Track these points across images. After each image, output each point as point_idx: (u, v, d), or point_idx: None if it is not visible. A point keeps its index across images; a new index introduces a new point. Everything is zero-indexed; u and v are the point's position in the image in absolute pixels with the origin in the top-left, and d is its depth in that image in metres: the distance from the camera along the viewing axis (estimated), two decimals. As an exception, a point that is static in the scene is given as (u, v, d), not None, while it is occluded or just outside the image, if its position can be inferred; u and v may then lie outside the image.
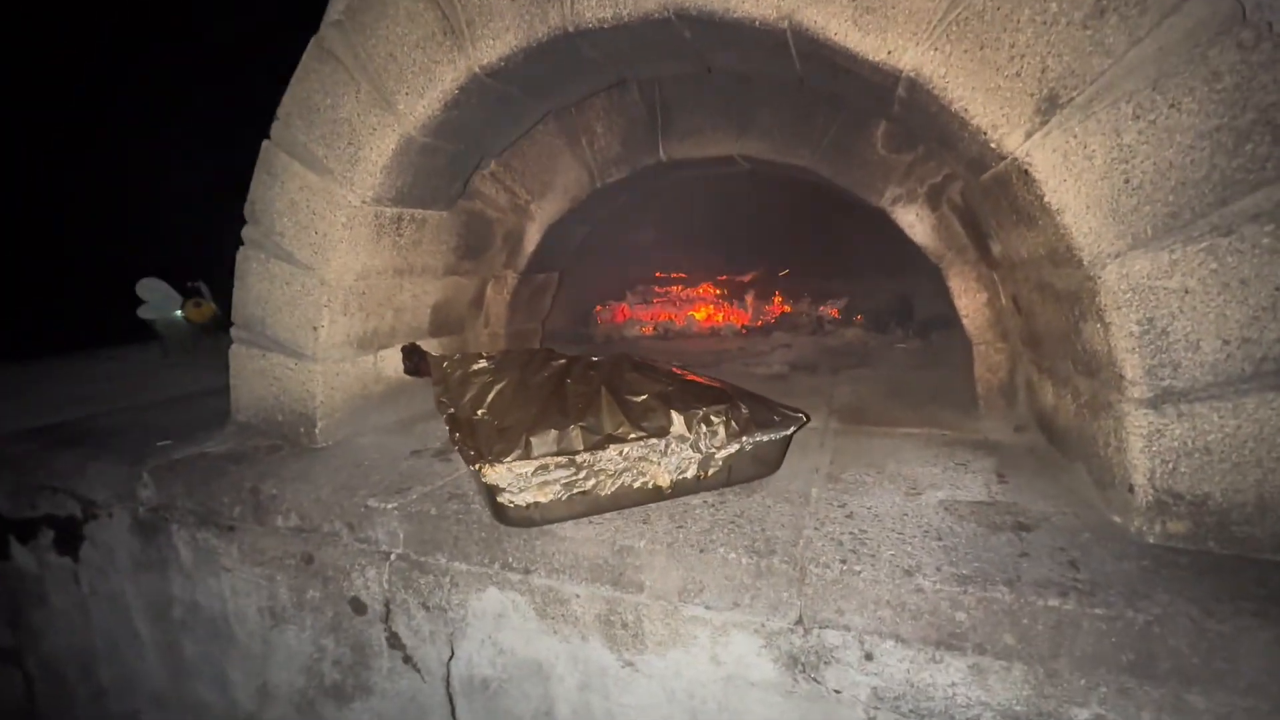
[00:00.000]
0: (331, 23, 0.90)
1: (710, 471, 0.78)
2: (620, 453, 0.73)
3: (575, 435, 0.74)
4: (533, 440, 0.72)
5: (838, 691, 0.62)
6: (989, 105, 0.63)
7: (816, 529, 0.70)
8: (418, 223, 1.07)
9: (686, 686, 0.68)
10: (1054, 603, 0.55)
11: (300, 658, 0.91)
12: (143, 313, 2.42)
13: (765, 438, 0.80)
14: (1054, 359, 0.84)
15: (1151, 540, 0.64)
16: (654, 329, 2.22)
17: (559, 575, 0.73)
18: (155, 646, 1.04)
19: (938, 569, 0.61)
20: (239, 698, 0.98)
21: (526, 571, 0.74)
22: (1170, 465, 0.62)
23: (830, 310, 2.20)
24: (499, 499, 0.71)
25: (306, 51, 0.93)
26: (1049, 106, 0.61)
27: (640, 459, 0.74)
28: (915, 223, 1.07)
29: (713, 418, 0.78)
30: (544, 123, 1.21)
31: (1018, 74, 0.62)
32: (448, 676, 0.81)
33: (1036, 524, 0.70)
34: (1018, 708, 0.56)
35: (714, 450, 0.77)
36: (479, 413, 0.84)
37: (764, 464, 0.83)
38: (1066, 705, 0.55)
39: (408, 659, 0.84)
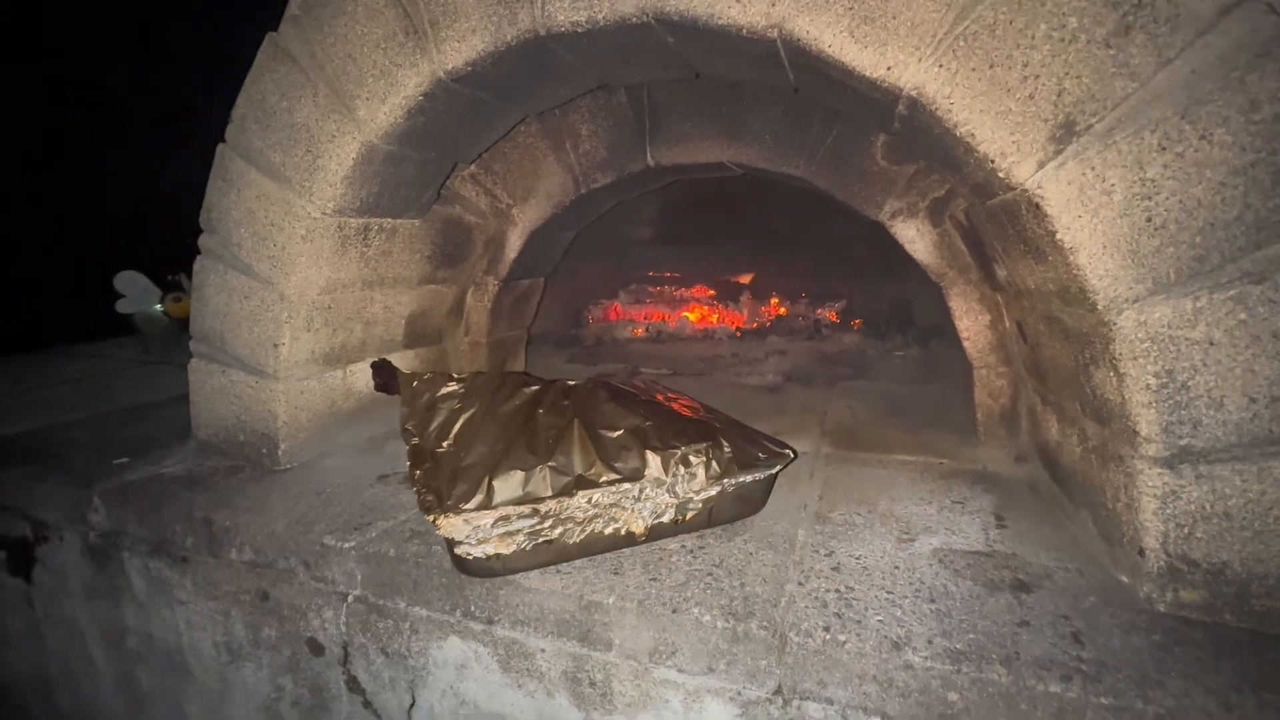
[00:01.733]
0: (289, 18, 0.83)
1: (689, 515, 0.73)
2: (590, 500, 0.67)
3: (543, 477, 0.68)
4: (495, 484, 0.67)
5: (818, 769, 0.57)
6: (998, 130, 0.57)
7: (800, 584, 0.65)
8: (387, 232, 1.00)
9: (657, 754, 0.63)
10: (1056, 688, 0.50)
11: (258, 696, 0.87)
12: (121, 307, 2.36)
13: (748, 478, 0.74)
14: (1060, 395, 0.78)
15: (1162, 609, 0.59)
16: (646, 330, 2.16)
17: (523, 628, 0.68)
18: (111, 677, 0.99)
19: (929, 641, 0.56)
20: (196, 730, 0.94)
21: (489, 622, 0.69)
22: (1186, 530, 0.57)
23: (828, 314, 2.14)
24: (456, 550, 0.66)
25: (261, 49, 0.86)
26: (1065, 134, 0.55)
27: (612, 505, 0.69)
28: (916, 238, 1.01)
29: (691, 458, 0.72)
30: (525, 124, 1.14)
31: (1031, 96, 0.55)
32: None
33: (1038, 582, 0.64)
34: (1014, 800, 0.51)
35: (692, 495, 0.71)
36: (444, 444, 0.78)
37: (747, 503, 0.78)
38: (1067, 802, 0.50)
39: (368, 704, 0.79)
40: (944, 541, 0.73)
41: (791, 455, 0.79)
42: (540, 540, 0.67)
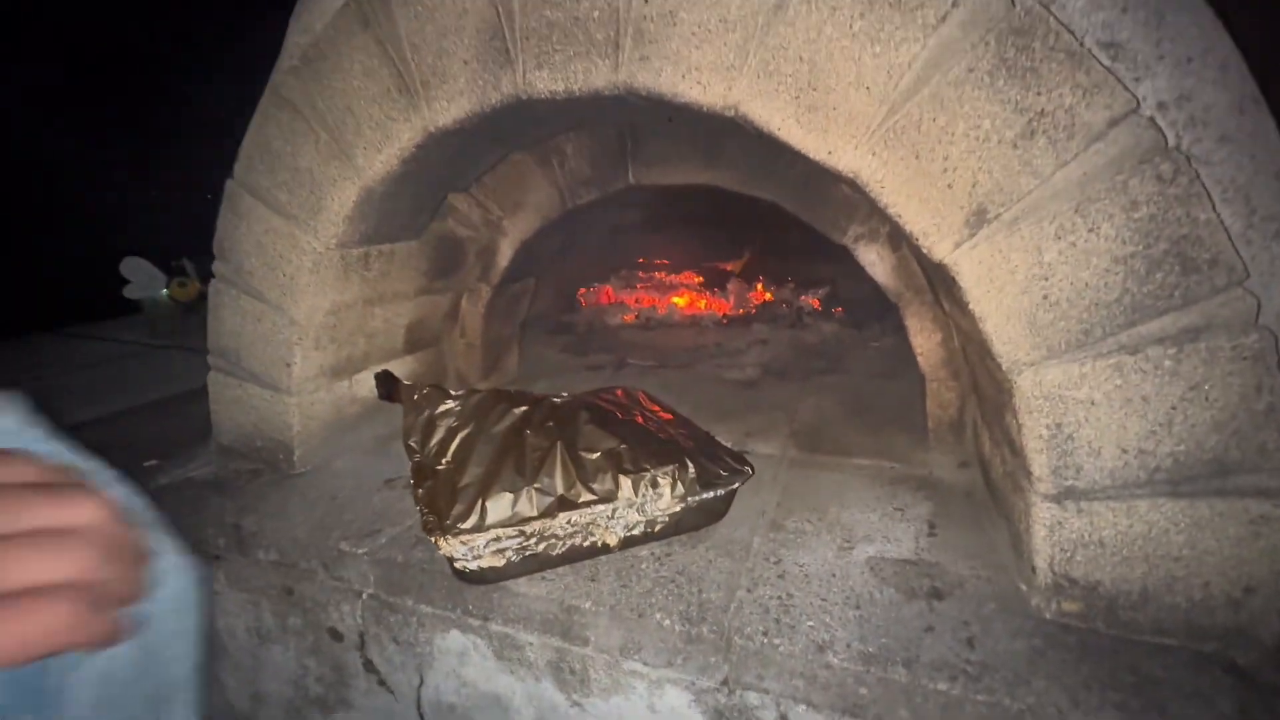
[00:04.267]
0: (288, 69, 0.89)
1: (657, 528, 0.84)
2: (569, 520, 0.78)
3: (529, 498, 0.79)
4: (488, 505, 0.77)
5: (756, 745, 0.70)
6: (922, 213, 0.65)
7: (749, 591, 0.77)
8: (386, 255, 1.08)
9: (625, 730, 0.76)
10: (943, 686, 0.62)
11: (287, 672, 1.00)
12: (128, 292, 2.44)
13: (709, 495, 0.85)
14: (990, 419, 0.88)
15: (1048, 616, 0.70)
16: (636, 317, 2.24)
17: (514, 625, 0.80)
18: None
19: (848, 645, 0.67)
20: (234, 701, 1.07)
21: (485, 619, 0.81)
22: (1068, 554, 0.68)
23: (812, 300, 2.22)
24: (455, 565, 0.77)
25: (264, 96, 0.92)
26: (978, 220, 0.63)
27: (589, 524, 0.80)
28: (876, 261, 1.09)
29: (659, 480, 0.82)
30: (514, 143, 1.20)
31: (949, 186, 0.63)
32: (418, 700, 0.90)
33: (950, 590, 0.76)
34: (907, 772, 0.64)
35: (659, 513, 0.82)
36: (443, 461, 0.88)
37: (710, 514, 0.89)
38: (948, 774, 0.62)
39: (382, 682, 0.92)
40: (878, 550, 0.85)
41: (750, 472, 0.90)
42: (527, 554, 0.78)
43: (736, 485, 0.88)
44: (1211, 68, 0.62)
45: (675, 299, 2.32)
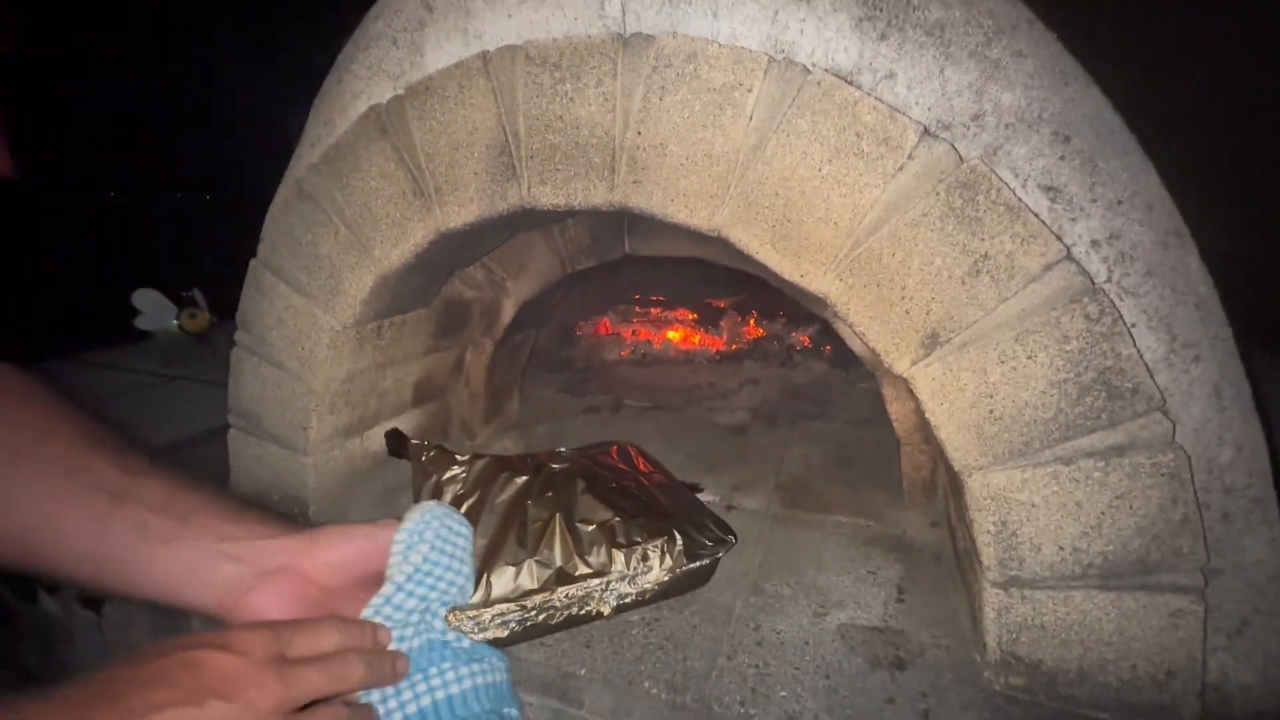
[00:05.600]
0: (310, 166, 0.97)
1: (647, 596, 0.91)
2: (567, 594, 0.86)
3: (530, 571, 0.86)
4: (493, 581, 0.84)
5: (733, 804, 0.77)
6: (882, 334, 0.73)
7: (729, 659, 0.84)
8: (398, 325, 1.16)
9: (616, 785, 0.83)
10: (899, 758, 0.70)
11: (301, 717, 1.07)
12: (140, 323, 2.51)
13: (695, 565, 0.93)
14: (954, 493, 0.96)
15: (998, 688, 0.78)
16: (632, 352, 2.32)
17: (516, 686, 0.87)
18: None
19: (815, 715, 0.75)
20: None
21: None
22: (1014, 635, 0.76)
23: (802, 338, 2.30)
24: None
25: (286, 188, 1.00)
26: (931, 342, 0.71)
27: (584, 596, 0.87)
28: (853, 336, 1.17)
29: (649, 553, 0.90)
30: (517, 213, 1.28)
31: (907, 312, 0.71)
32: None
33: (913, 659, 0.83)
34: (867, 833, 0.71)
35: (648, 585, 0.90)
36: None
37: (696, 580, 0.96)
38: (902, 836, 0.70)
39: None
40: (850, 616, 0.92)
41: (733, 541, 0.97)
42: (528, 624, 0.85)
43: (720, 555, 0.95)
44: (1139, 209, 0.70)
45: (670, 334, 2.40)
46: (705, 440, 1.62)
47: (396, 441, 1.25)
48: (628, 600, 0.90)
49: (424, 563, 0.65)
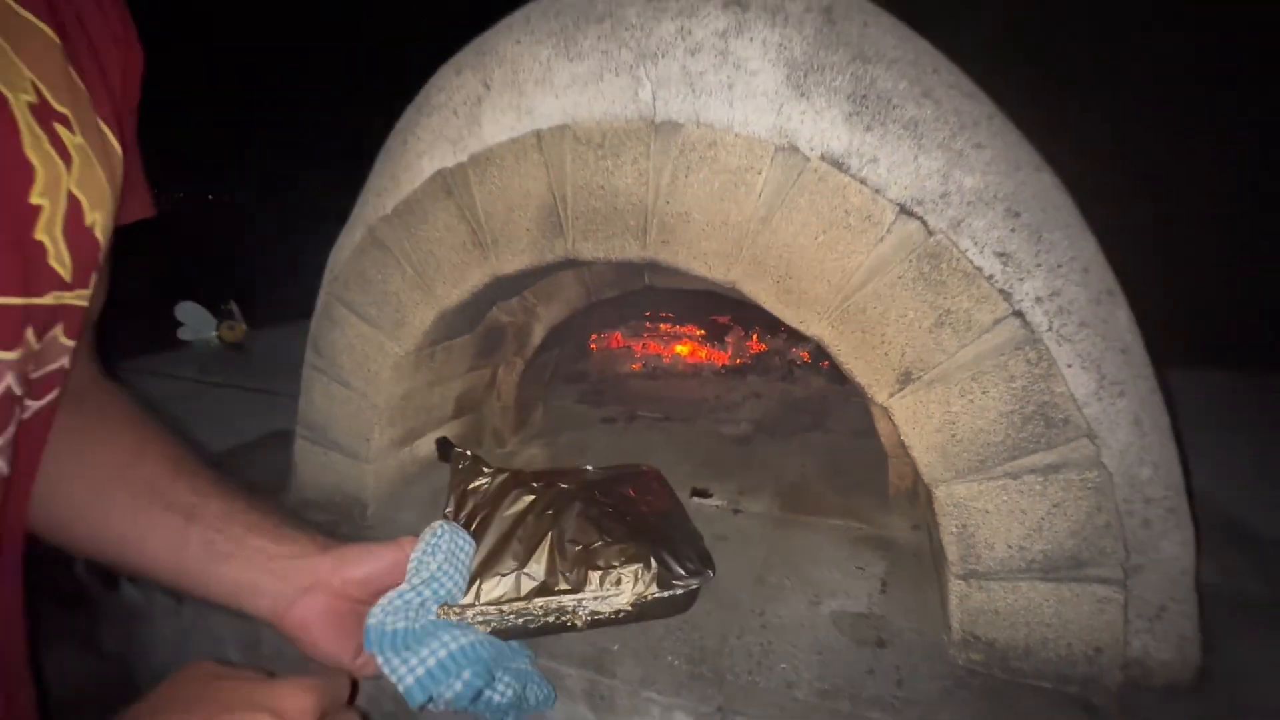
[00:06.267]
0: (382, 217, 1.14)
1: (620, 615, 0.96)
2: (544, 606, 0.92)
3: (516, 581, 0.92)
4: (483, 588, 0.90)
5: (741, 757, 0.93)
6: (866, 371, 0.89)
7: (738, 638, 1.00)
8: (447, 349, 1.32)
9: (643, 743, 1.00)
10: (877, 716, 0.86)
11: (368, 687, 1.23)
12: (182, 334, 2.68)
13: (666, 594, 0.97)
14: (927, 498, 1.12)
15: (960, 663, 0.94)
16: (643, 365, 2.49)
17: (558, 660, 1.03)
18: (247, 671, 1.36)
19: (810, 683, 0.91)
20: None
21: (536, 655, 1.05)
22: (973, 618, 0.92)
23: (802, 353, 2.47)
24: None
25: (361, 235, 1.17)
26: (905, 379, 0.87)
27: (559, 609, 0.93)
28: (847, 360, 1.33)
29: (623, 578, 0.96)
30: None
31: (885, 354, 0.88)
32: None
33: (891, 640, 1.00)
34: (851, 778, 0.87)
35: (619, 606, 0.96)
36: None
37: (673, 607, 1.01)
38: (879, 780, 0.86)
39: (446, 701, 1.15)
40: (840, 604, 1.08)
41: (711, 575, 1.03)
42: (506, 626, 0.90)
43: (696, 586, 1.02)
44: (1076, 271, 0.87)
45: (678, 348, 2.57)
46: (713, 450, 1.78)
47: (444, 448, 1.42)
48: (600, 618, 0.95)
49: (438, 571, 0.78)
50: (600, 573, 0.97)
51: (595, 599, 0.97)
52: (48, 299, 0.47)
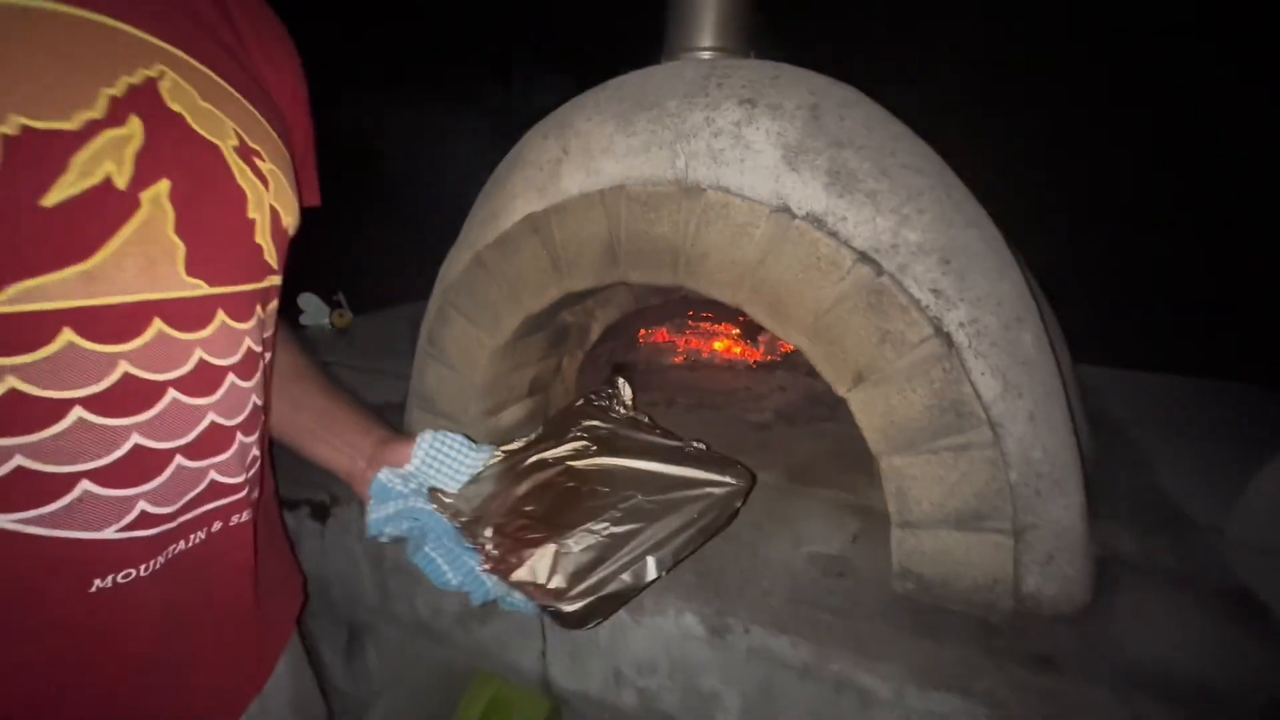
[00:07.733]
0: (486, 245, 1.54)
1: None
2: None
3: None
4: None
5: (732, 645, 1.30)
6: (830, 372, 1.23)
7: (734, 564, 1.37)
8: (526, 343, 1.73)
9: (663, 635, 1.37)
10: (827, 617, 1.20)
11: (455, 599, 1.65)
12: (302, 320, 3.20)
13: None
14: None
15: (898, 590, 1.27)
16: (684, 358, 2.85)
17: (603, 574, 1.42)
18: (372, 581, 1.81)
19: (782, 595, 1.26)
20: (420, 614, 1.75)
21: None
22: (908, 556, 1.25)
23: (825, 353, 2.76)
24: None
25: (469, 257, 1.58)
26: (858, 379, 1.21)
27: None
28: (841, 363, 1.65)
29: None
30: (606, 265, 1.82)
31: (845, 360, 1.21)
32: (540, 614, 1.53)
33: (850, 573, 1.33)
34: (808, 660, 1.22)
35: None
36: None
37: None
38: (825, 661, 1.21)
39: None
40: (817, 548, 1.42)
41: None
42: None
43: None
44: (991, 304, 1.18)
45: (716, 344, 2.91)
46: (736, 433, 2.12)
47: (619, 372, 1.50)
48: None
49: (427, 454, 0.96)
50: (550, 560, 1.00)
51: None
52: (265, 283, 0.66)
